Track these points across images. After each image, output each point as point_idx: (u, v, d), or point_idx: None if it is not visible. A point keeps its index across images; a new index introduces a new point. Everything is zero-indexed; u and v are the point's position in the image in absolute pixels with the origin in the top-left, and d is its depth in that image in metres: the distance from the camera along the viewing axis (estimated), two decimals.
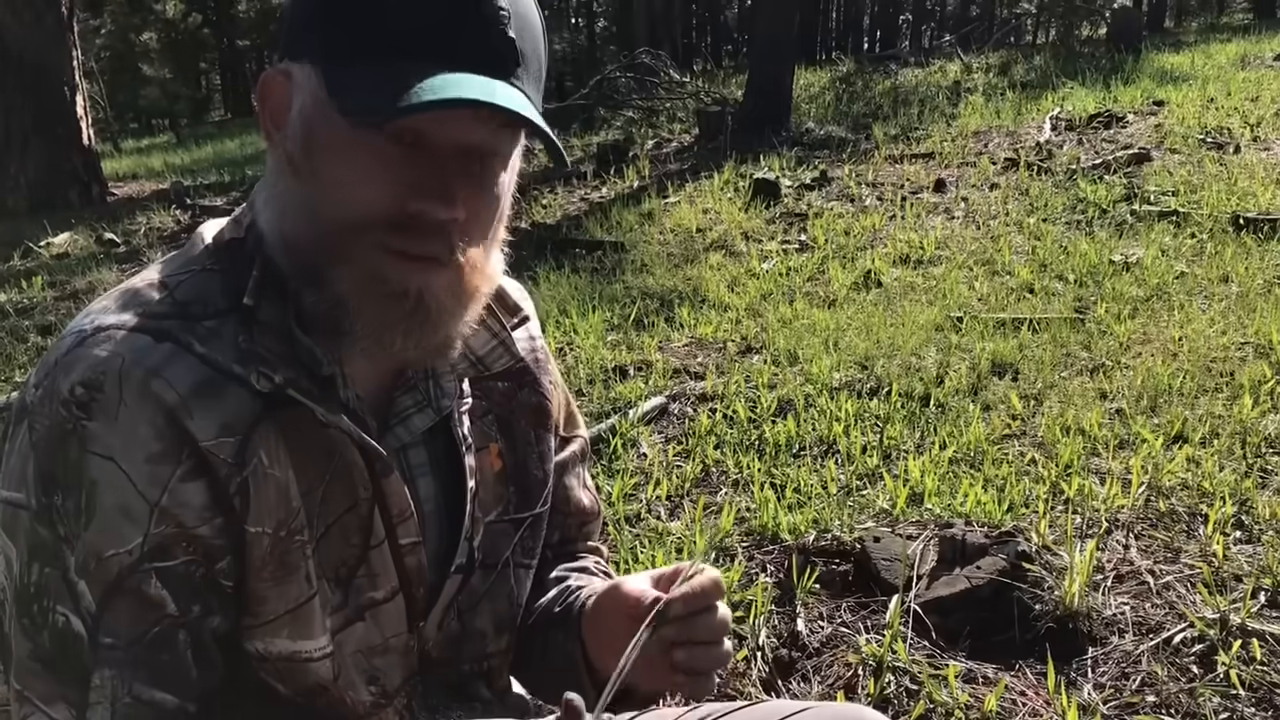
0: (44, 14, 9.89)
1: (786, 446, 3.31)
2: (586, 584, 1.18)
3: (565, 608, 1.15)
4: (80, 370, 0.85)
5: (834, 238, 6.25)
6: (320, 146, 0.88)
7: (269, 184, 0.94)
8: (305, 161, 0.89)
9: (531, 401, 1.14)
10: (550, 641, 1.15)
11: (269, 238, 0.92)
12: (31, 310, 6.17)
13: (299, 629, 0.94)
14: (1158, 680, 2.08)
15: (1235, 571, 2.42)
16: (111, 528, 0.85)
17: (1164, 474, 2.88)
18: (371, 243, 0.87)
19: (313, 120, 0.88)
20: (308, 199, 0.89)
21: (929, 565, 2.45)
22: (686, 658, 0.96)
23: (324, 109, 0.86)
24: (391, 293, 0.88)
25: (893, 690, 2.10)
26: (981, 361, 3.88)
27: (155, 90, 25.89)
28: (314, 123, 0.88)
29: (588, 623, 1.10)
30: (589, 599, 1.12)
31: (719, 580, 0.98)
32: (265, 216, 0.93)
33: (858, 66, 16.59)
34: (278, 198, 0.92)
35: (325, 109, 0.86)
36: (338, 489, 0.95)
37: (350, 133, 0.86)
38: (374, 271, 0.88)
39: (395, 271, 0.88)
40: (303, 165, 0.89)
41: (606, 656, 1.04)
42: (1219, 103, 9.49)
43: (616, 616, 1.01)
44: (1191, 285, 4.72)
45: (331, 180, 0.88)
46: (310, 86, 0.88)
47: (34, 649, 0.86)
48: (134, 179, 12.97)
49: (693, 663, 0.97)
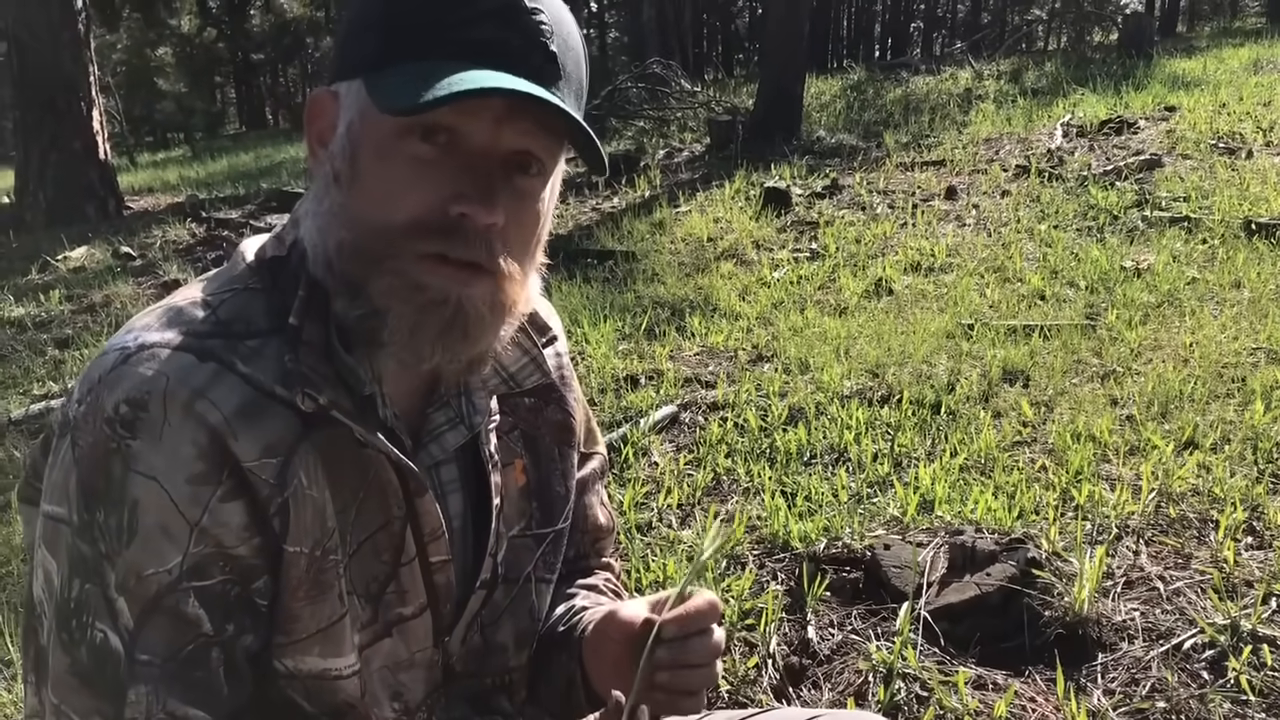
0: (60, 31, 9.99)
1: (797, 455, 3.32)
2: (593, 605, 1.20)
3: (569, 628, 1.17)
4: (125, 388, 0.86)
5: (845, 246, 6.26)
6: (365, 154, 0.89)
7: (314, 201, 0.95)
8: (349, 171, 0.90)
9: (556, 419, 1.15)
10: (554, 661, 1.16)
11: (311, 254, 0.93)
12: (49, 324, 6.22)
13: (329, 647, 0.95)
14: (1168, 686, 2.08)
15: (1246, 577, 2.42)
16: (152, 546, 0.86)
17: (1175, 480, 2.89)
18: (413, 251, 0.88)
19: (358, 131, 0.90)
20: (351, 209, 0.90)
21: (939, 572, 2.46)
22: (670, 679, 0.97)
23: (367, 116, 0.88)
24: (430, 300, 0.88)
25: (903, 697, 2.11)
26: (993, 369, 3.88)
27: (171, 104, 26.12)
28: (359, 133, 0.90)
29: (587, 647, 1.11)
30: (589, 625, 1.13)
31: (715, 603, 0.99)
32: (309, 232, 0.94)
33: (869, 74, 16.62)
34: (322, 214, 0.93)
35: (368, 116, 0.88)
36: (371, 507, 0.96)
37: (393, 139, 0.87)
38: (414, 280, 0.88)
39: (435, 279, 0.88)
40: (347, 176, 0.90)
41: (604, 680, 1.06)
42: (1231, 108, 9.47)
43: (612, 641, 1.03)
44: (1203, 291, 4.72)
45: (375, 186, 0.89)
46: (357, 100, 0.90)
47: (72, 663, 0.87)
48: (150, 193, 13.05)
49: (682, 683, 0.98)
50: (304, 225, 0.95)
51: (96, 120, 10.39)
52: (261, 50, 36.07)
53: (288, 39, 34.93)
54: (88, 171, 10.32)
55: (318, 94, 0.94)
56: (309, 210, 0.95)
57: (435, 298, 0.88)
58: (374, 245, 0.88)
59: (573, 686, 1.13)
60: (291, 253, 0.96)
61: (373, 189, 0.89)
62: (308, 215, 0.95)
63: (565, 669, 1.14)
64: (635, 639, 0.98)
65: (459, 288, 0.89)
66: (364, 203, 0.89)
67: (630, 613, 1.02)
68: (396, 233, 0.88)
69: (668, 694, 0.98)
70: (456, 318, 0.89)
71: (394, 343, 0.90)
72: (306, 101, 0.95)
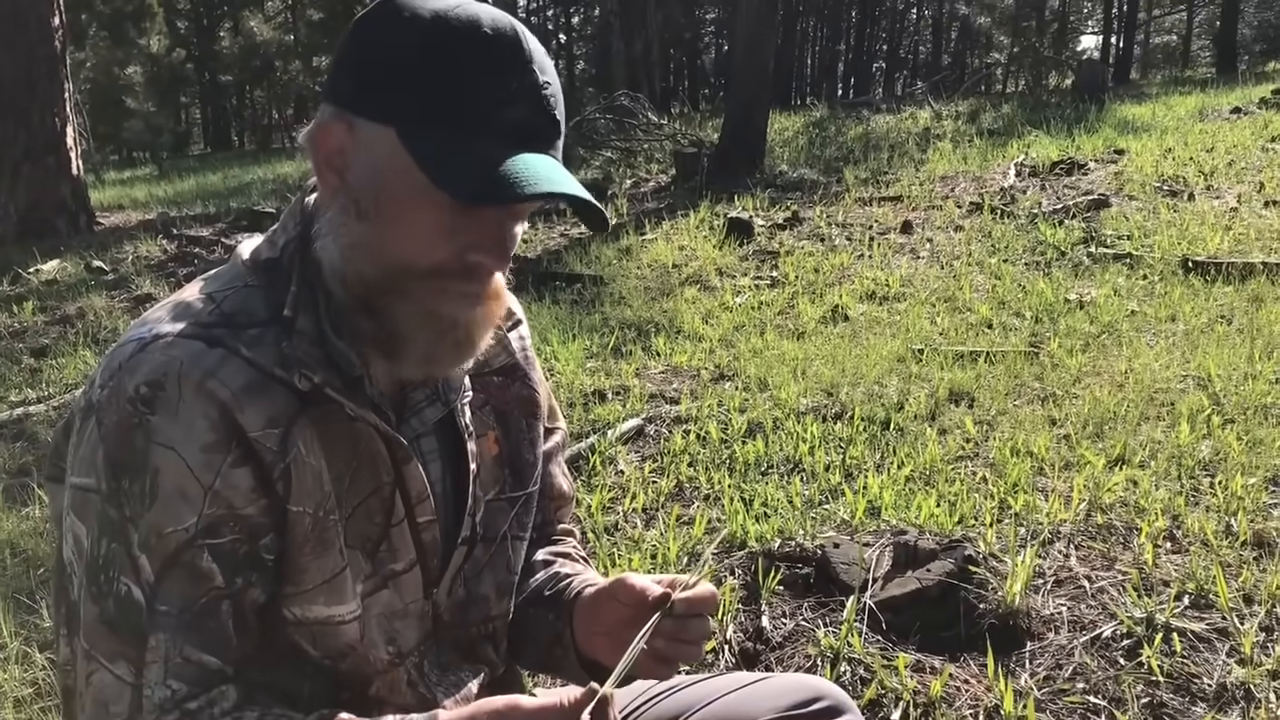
0: (36, 46, 10.09)
1: (755, 464, 3.52)
2: (575, 573, 1.35)
3: (556, 592, 1.32)
4: (144, 372, 0.98)
5: (804, 274, 6.50)
6: (392, 201, 1.00)
7: (331, 225, 1.05)
8: (375, 211, 1.01)
9: (523, 394, 1.31)
10: (539, 619, 1.31)
11: (327, 267, 1.05)
12: (23, 333, 6.32)
13: (333, 596, 1.09)
14: (1088, 670, 2.29)
15: (1164, 578, 2.64)
16: (171, 508, 0.98)
17: (1104, 492, 3.11)
18: (430, 286, 1.03)
19: (389, 179, 1.00)
20: (375, 245, 1.02)
21: (884, 569, 2.65)
22: (666, 648, 1.13)
23: (404, 173, 0.98)
24: (443, 327, 1.04)
25: (848, 678, 2.30)
26: (940, 390, 4.11)
27: (139, 123, 26.03)
28: (388, 180, 1.00)
29: (583, 607, 1.26)
30: (584, 588, 1.28)
31: (716, 595, 1.16)
32: (328, 252, 1.06)
33: (831, 112, 17.00)
34: (345, 242, 1.03)
35: (406, 175, 0.98)
36: (363, 475, 1.10)
37: (422, 193, 0.98)
38: (430, 309, 1.02)
39: (447, 308, 1.03)
40: (372, 213, 1.02)
41: (596, 640, 1.22)
42: (1176, 153, 9.86)
43: (619, 604, 1.18)
44: (1141, 323, 4.98)
45: (401, 232, 1.01)
46: (386, 149, 0.99)
47: (100, 613, 0.99)
48: (120, 209, 13.09)
49: (670, 654, 1.14)
50: (322, 243, 1.07)
51: (70, 136, 10.47)
52: (229, 72, 36.09)
53: (257, 61, 35.00)
54: (60, 186, 10.39)
55: (329, 124, 1.02)
56: (327, 231, 1.05)
57: (447, 325, 1.04)
58: (395, 280, 1.03)
59: (557, 644, 1.28)
60: (283, 254, 1.08)
61: (398, 234, 1.01)
62: (325, 235, 1.05)
63: (552, 628, 1.29)
64: (646, 607, 1.13)
65: (465, 313, 1.04)
66: (389, 244, 1.01)
67: (641, 581, 1.17)
68: (418, 273, 1.01)
69: (657, 660, 1.13)
70: (464, 340, 1.06)
71: (409, 360, 1.07)
72: (314, 125, 1.03)
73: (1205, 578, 2.57)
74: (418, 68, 0.97)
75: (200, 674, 1.00)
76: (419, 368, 1.08)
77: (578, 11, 45.80)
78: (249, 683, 1.04)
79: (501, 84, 0.98)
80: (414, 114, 0.97)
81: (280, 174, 16.62)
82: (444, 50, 0.96)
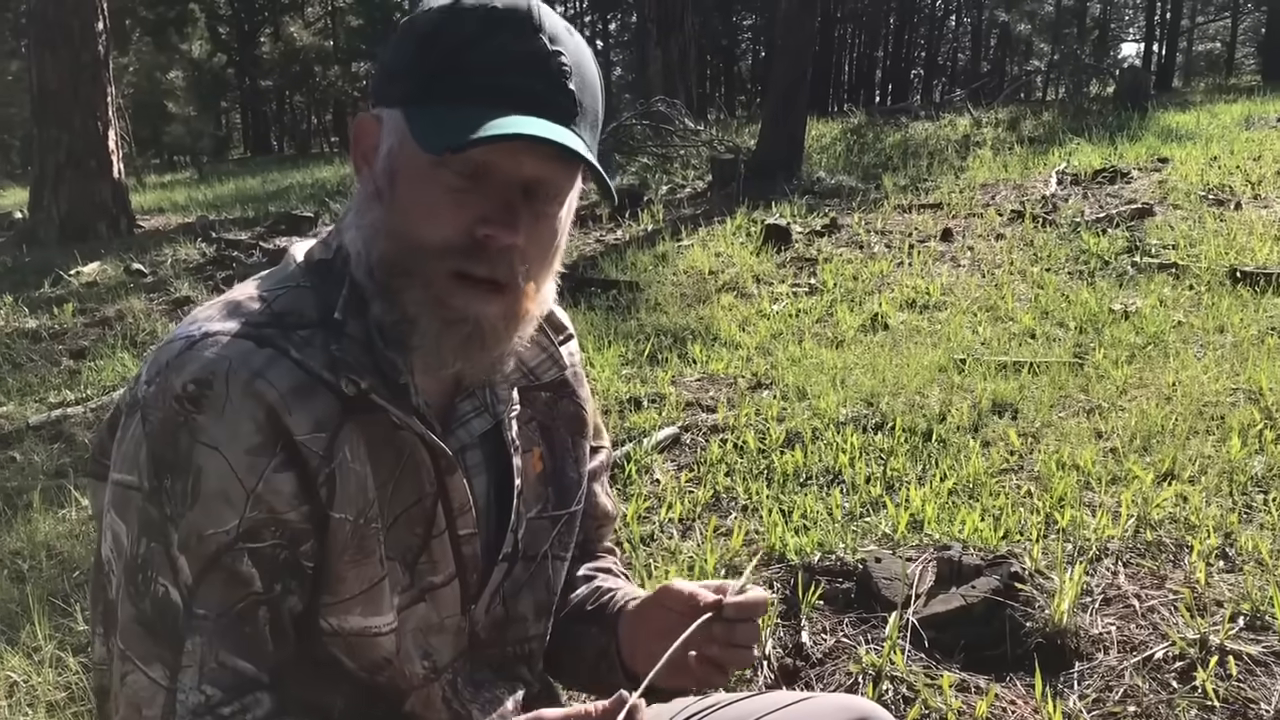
0: (80, 51, 10.22)
1: (794, 475, 3.46)
2: (617, 587, 1.33)
3: (599, 606, 1.29)
4: (191, 370, 0.97)
5: (842, 282, 6.44)
6: (403, 178, 1.02)
7: (358, 212, 1.07)
8: (390, 192, 1.03)
9: (570, 411, 1.28)
10: (583, 635, 1.28)
11: (355, 260, 1.05)
12: (63, 335, 6.37)
13: (371, 606, 1.07)
14: (1139, 693, 2.22)
15: (1217, 597, 2.56)
16: (212, 510, 0.96)
17: (1153, 508, 3.03)
18: (442, 269, 1.01)
19: (398, 157, 1.01)
20: (391, 224, 1.02)
21: (927, 584, 2.59)
22: (719, 653, 1.10)
23: (407, 147, 0.99)
24: (452, 318, 1.00)
25: (890, 697, 2.25)
26: (983, 401, 4.04)
27: (180, 127, 26.35)
28: (399, 159, 1.01)
29: (627, 622, 1.23)
30: (628, 602, 1.26)
31: (766, 600, 1.13)
32: (353, 241, 1.06)
33: (869, 119, 16.90)
34: (366, 225, 1.04)
35: (409, 146, 0.99)
36: (406, 484, 1.08)
37: (429, 167, 0.98)
38: (440, 296, 1.00)
39: (458, 298, 1.00)
40: (388, 195, 1.03)
41: (638, 649, 1.19)
42: (1222, 161, 9.69)
43: (666, 610, 1.15)
44: (1188, 334, 4.88)
45: (412, 208, 1.01)
46: (398, 128, 1.00)
47: (137, 614, 0.98)
48: (160, 213, 13.22)
49: (724, 659, 1.11)
50: (348, 234, 1.07)
51: (112, 140, 10.60)
52: (269, 77, 36.47)
53: (296, 67, 35.36)
54: (101, 189, 10.52)
55: (363, 117, 1.05)
56: (352, 221, 1.06)
57: (456, 315, 1.00)
58: (409, 260, 1.01)
59: (603, 657, 1.26)
60: (336, 256, 1.07)
61: (410, 210, 1.00)
62: (351, 226, 1.07)
63: (596, 641, 1.26)
64: (695, 611, 1.10)
65: (478, 306, 1.01)
66: (402, 221, 1.01)
67: (688, 586, 1.14)
68: (429, 251, 1.00)
69: (710, 666, 1.11)
70: (474, 333, 1.02)
71: (421, 348, 1.03)
72: (353, 122, 1.06)
73: (1261, 598, 2.49)
74: (426, 49, 0.99)
75: (235, 680, 0.98)
76: (431, 357, 1.04)
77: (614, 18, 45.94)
78: (284, 692, 1.02)
79: (501, 50, 0.97)
80: (419, 91, 0.99)
81: (319, 178, 16.74)
82: (451, 29, 0.98)
